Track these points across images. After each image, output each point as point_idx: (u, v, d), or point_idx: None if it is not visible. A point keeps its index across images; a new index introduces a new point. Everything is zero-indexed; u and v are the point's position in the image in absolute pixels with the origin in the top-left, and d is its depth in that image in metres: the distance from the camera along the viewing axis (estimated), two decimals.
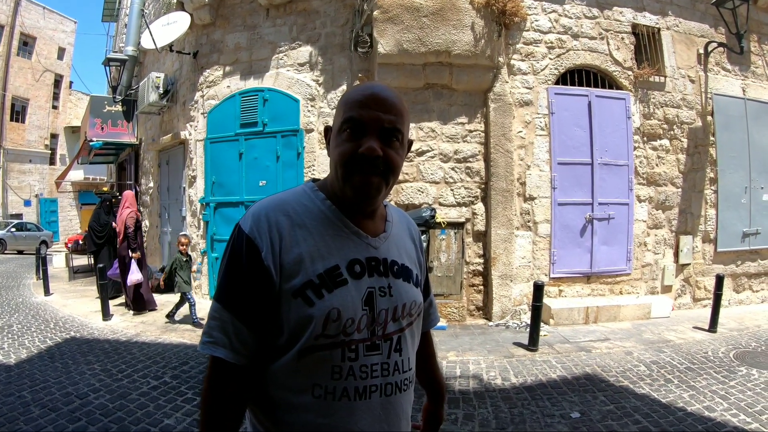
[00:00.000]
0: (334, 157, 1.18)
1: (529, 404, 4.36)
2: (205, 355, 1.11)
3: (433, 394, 1.62)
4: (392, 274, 1.23)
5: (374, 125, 1.14)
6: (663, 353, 5.80)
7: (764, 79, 9.12)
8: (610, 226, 7.82)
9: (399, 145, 1.19)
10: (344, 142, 1.15)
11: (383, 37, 6.98)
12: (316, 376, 1.11)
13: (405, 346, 1.23)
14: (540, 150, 7.65)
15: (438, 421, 1.63)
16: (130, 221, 7.90)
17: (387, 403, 1.18)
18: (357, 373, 1.13)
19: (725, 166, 8.50)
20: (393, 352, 1.20)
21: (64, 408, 4.16)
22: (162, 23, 9.02)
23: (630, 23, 8.12)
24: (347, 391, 1.12)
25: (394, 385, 1.19)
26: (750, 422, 3.89)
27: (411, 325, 1.26)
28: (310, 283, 1.11)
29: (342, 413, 1.12)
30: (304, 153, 7.89)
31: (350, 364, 1.13)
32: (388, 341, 1.19)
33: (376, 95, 1.16)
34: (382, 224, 1.30)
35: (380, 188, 1.18)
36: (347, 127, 1.15)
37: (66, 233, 27.69)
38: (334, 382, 1.11)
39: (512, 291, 7.42)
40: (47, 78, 29.37)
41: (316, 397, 1.11)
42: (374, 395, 1.16)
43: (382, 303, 1.19)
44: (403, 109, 1.19)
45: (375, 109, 1.14)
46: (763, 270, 8.93)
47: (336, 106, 1.26)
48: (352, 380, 1.13)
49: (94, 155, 15.20)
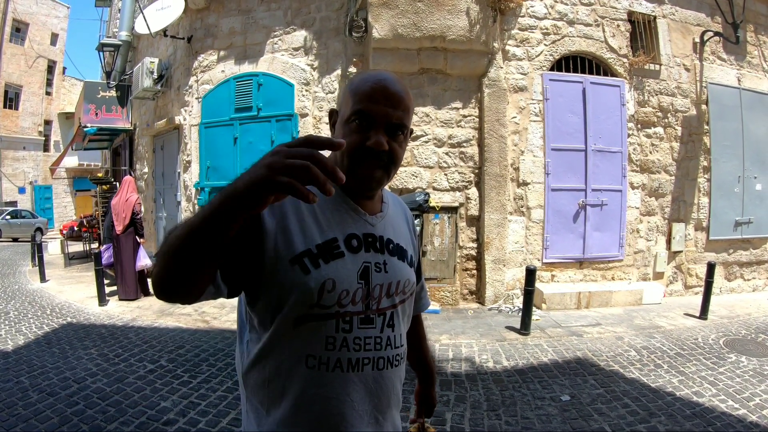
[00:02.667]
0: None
1: (520, 387, 4.42)
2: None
3: (425, 375, 1.66)
4: (388, 251, 1.26)
5: (382, 120, 1.16)
6: (653, 339, 5.86)
7: (760, 70, 9.12)
8: (603, 213, 7.86)
9: (403, 138, 1.22)
10: (352, 133, 1.17)
11: (378, 21, 6.95)
12: (310, 347, 1.13)
13: (397, 322, 1.26)
14: (534, 136, 7.67)
15: (431, 403, 1.67)
16: (138, 207, 7.90)
17: (379, 377, 1.21)
18: (350, 345, 1.15)
19: (719, 155, 8.52)
20: (386, 327, 1.22)
21: (62, 392, 4.19)
22: (156, 8, 8.94)
23: (626, 10, 8.10)
24: (340, 362, 1.14)
25: (386, 360, 1.22)
26: (738, 408, 3.95)
27: (403, 302, 1.29)
28: (309, 252, 1.12)
29: (335, 384, 1.14)
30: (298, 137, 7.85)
31: (344, 335, 1.15)
32: (381, 316, 1.22)
33: (386, 89, 1.17)
34: (379, 205, 1.32)
35: (382, 180, 1.21)
36: (356, 118, 1.17)
37: (61, 220, 27.60)
38: (328, 352, 1.13)
39: (505, 275, 7.47)
40: (40, 64, 29.08)
41: (309, 368, 1.13)
42: (366, 368, 1.18)
43: (377, 278, 1.21)
44: (410, 103, 1.22)
45: (384, 105, 1.16)
46: (755, 259, 8.99)
47: (344, 91, 1.25)
48: (345, 351, 1.15)
49: (89, 141, 15.08)
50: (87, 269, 10.76)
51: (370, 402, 1.20)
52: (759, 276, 9.06)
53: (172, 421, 3.71)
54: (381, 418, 1.24)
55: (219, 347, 5.52)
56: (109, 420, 3.69)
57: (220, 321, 6.64)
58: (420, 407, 1.67)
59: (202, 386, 4.38)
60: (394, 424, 1.31)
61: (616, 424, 3.67)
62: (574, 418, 3.79)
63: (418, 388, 1.67)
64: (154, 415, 3.80)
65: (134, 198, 7.89)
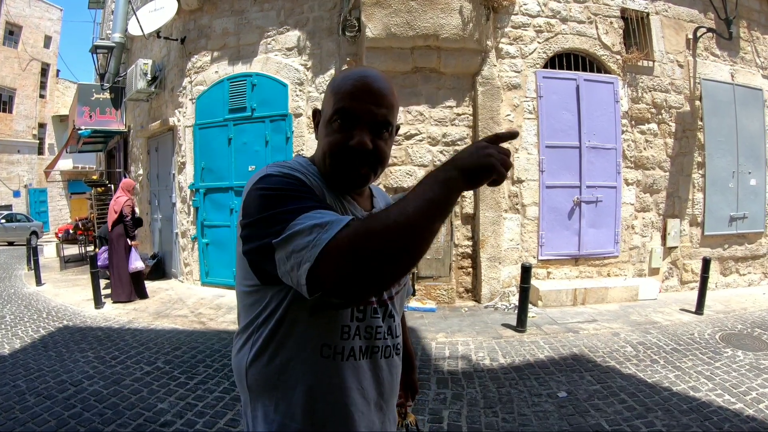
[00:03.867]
0: (323, 146, 1.19)
1: (516, 384, 4.43)
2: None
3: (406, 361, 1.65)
4: None
5: (366, 118, 1.14)
6: (650, 334, 5.88)
7: (753, 65, 9.15)
8: (598, 209, 7.88)
9: (389, 135, 1.20)
10: (334, 132, 1.15)
11: (371, 21, 6.96)
12: (326, 335, 1.14)
13: (395, 312, 1.29)
14: (528, 133, 7.68)
15: (414, 389, 1.69)
16: (127, 209, 7.86)
17: (386, 365, 1.24)
18: (363, 333, 1.18)
19: (713, 150, 8.55)
20: (388, 317, 1.25)
21: (59, 395, 4.18)
22: (149, 9, 8.91)
23: (619, 7, 8.11)
24: (353, 351, 1.16)
25: (392, 348, 1.26)
26: (734, 402, 3.97)
27: (398, 293, 1.33)
28: None
29: (348, 373, 1.16)
30: (293, 137, 7.87)
31: (357, 324, 1.17)
32: (383, 306, 1.24)
33: (368, 86, 1.15)
34: (369, 201, 1.34)
35: (368, 178, 1.21)
36: (338, 117, 1.15)
37: (56, 223, 27.49)
38: (343, 341, 1.15)
39: (501, 273, 7.48)
40: (34, 67, 28.93)
41: (324, 357, 1.14)
42: (376, 356, 1.21)
43: None
44: (395, 99, 1.19)
45: (367, 102, 1.14)
46: (750, 254, 9.03)
47: (326, 90, 1.22)
48: (358, 340, 1.17)
49: (83, 144, 15.07)
50: (83, 272, 10.74)
51: (377, 390, 1.22)
52: (754, 271, 9.10)
53: (169, 422, 3.71)
54: (385, 406, 1.26)
55: (216, 348, 5.51)
56: (106, 422, 3.68)
57: (216, 322, 6.63)
58: (404, 394, 1.67)
59: (199, 387, 4.38)
60: (393, 412, 1.34)
61: (613, 420, 3.68)
62: (571, 415, 3.80)
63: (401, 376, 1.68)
64: (151, 416, 3.80)
65: (123, 199, 7.86)
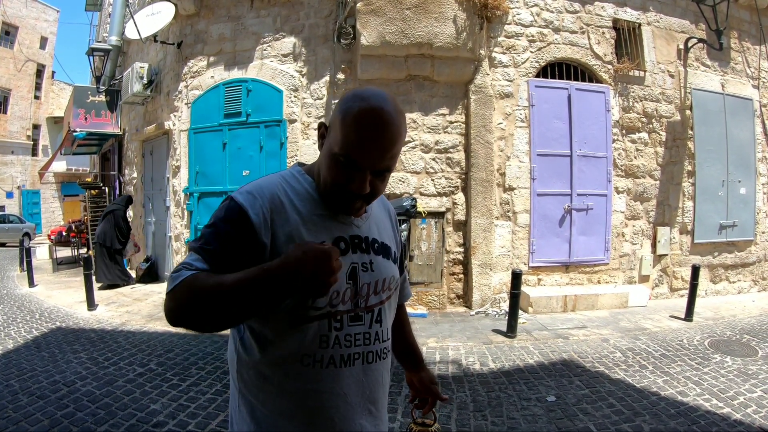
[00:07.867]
0: (324, 172, 1.23)
1: (506, 388, 4.48)
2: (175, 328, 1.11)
3: (413, 360, 1.69)
4: (373, 251, 1.33)
5: (369, 166, 1.17)
6: (639, 341, 5.94)
7: (743, 76, 9.27)
8: (589, 217, 7.96)
9: (388, 173, 1.23)
10: (337, 167, 1.18)
11: (366, 28, 7.03)
12: (306, 346, 1.19)
13: (384, 317, 1.34)
14: (520, 141, 7.76)
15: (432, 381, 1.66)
16: None
17: (368, 370, 1.28)
18: (342, 341, 1.23)
19: (703, 159, 8.65)
20: (374, 323, 1.30)
21: (52, 396, 4.21)
22: (146, 13, 8.95)
23: (611, 18, 8.23)
24: (333, 359, 1.22)
25: (375, 354, 1.30)
26: (722, 407, 4.02)
27: (389, 298, 1.37)
28: None
29: (329, 380, 1.21)
30: (287, 143, 7.91)
31: (336, 333, 1.22)
32: (369, 313, 1.29)
33: (378, 139, 1.15)
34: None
35: (362, 209, 1.30)
36: (343, 160, 1.16)
37: (49, 225, 27.35)
38: (322, 350, 1.20)
39: (492, 279, 7.54)
40: (29, 68, 28.81)
41: (305, 366, 1.20)
42: (357, 362, 1.26)
43: (365, 277, 1.28)
44: (401, 138, 1.20)
45: (374, 156, 1.16)
46: (740, 261, 9.11)
47: (335, 113, 1.20)
48: (338, 348, 1.22)
49: (78, 146, 15.05)
50: (75, 274, 10.73)
51: (362, 394, 1.27)
52: (744, 278, 9.18)
53: (161, 423, 3.74)
54: (374, 408, 1.31)
55: (208, 351, 5.54)
56: (99, 422, 3.71)
57: None
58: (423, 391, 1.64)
59: (191, 389, 4.40)
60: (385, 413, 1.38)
61: (601, 424, 3.73)
62: (559, 418, 3.85)
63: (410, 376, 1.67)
64: (144, 417, 3.83)
65: None
